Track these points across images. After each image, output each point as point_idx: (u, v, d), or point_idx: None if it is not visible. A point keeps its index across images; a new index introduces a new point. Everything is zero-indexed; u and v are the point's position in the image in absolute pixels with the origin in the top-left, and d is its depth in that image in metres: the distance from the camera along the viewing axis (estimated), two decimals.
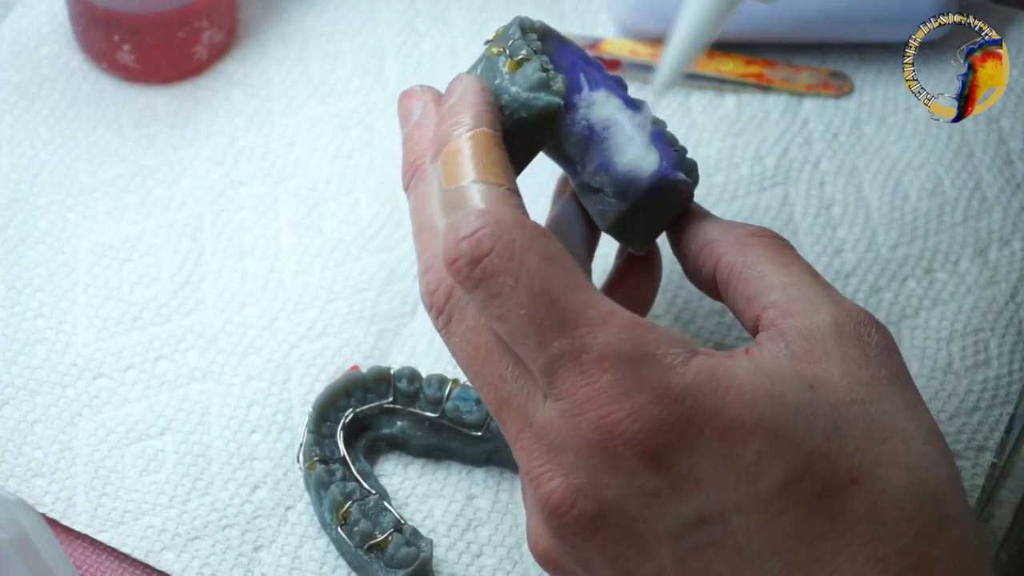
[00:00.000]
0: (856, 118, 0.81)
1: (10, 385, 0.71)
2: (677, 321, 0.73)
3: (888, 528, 0.54)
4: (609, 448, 0.53)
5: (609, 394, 0.53)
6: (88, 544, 0.67)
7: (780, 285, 0.58)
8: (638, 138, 0.62)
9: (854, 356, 0.56)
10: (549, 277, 0.54)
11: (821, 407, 0.55)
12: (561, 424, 0.54)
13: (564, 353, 0.54)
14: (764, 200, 0.78)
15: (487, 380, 0.57)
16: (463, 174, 0.57)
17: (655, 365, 0.54)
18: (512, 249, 0.55)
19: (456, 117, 0.59)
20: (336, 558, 0.67)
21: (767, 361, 0.56)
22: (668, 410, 0.53)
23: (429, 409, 0.69)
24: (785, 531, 0.54)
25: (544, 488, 0.55)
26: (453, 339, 0.58)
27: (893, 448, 0.55)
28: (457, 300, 0.58)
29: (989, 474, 0.69)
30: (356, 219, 0.77)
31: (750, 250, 0.60)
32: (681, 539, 0.54)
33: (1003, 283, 0.75)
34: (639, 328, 0.54)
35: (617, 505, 0.54)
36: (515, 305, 0.54)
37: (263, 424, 0.70)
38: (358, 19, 0.84)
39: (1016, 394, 0.72)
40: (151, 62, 0.80)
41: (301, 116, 0.80)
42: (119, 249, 0.75)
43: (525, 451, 0.56)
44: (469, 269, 0.55)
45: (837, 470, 0.54)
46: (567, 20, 0.84)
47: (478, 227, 0.55)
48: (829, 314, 0.57)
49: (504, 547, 0.67)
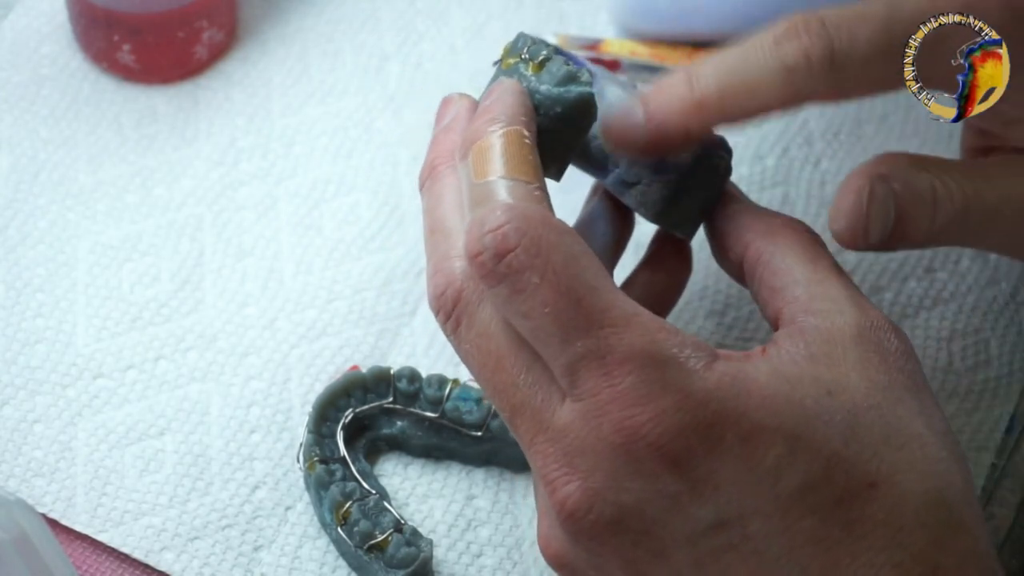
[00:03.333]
0: (856, 118, 0.81)
1: (10, 385, 0.71)
2: (677, 321, 0.73)
3: (905, 534, 0.54)
4: (631, 451, 0.53)
5: (632, 396, 0.53)
6: (88, 544, 0.67)
7: (805, 281, 0.58)
8: None
9: (872, 361, 0.56)
10: (575, 276, 0.54)
11: (839, 412, 0.55)
12: (581, 426, 0.54)
13: (588, 353, 0.54)
14: (764, 200, 0.77)
15: (499, 387, 0.57)
16: (492, 169, 0.57)
17: (679, 369, 0.54)
18: (538, 246, 0.54)
19: (490, 115, 0.59)
20: (336, 558, 0.67)
21: (786, 364, 0.56)
22: (692, 414, 0.53)
23: (429, 409, 0.69)
24: (803, 536, 0.54)
25: (560, 492, 0.55)
26: (463, 345, 0.58)
27: (910, 454, 0.55)
28: (466, 304, 0.57)
29: (989, 474, 0.69)
30: (356, 219, 0.77)
31: (780, 240, 0.60)
32: (699, 543, 0.54)
33: (1003, 283, 0.75)
34: (663, 331, 0.54)
35: (636, 509, 0.54)
36: (540, 303, 0.54)
37: (263, 424, 0.70)
38: (358, 19, 0.84)
39: (1016, 394, 0.71)
40: (151, 62, 0.80)
41: (301, 116, 0.80)
42: (119, 249, 0.75)
43: (540, 455, 0.55)
44: (493, 263, 0.54)
45: (855, 475, 0.54)
46: (567, 20, 0.84)
47: (504, 221, 0.55)
48: (851, 316, 0.57)
49: (504, 547, 0.67)
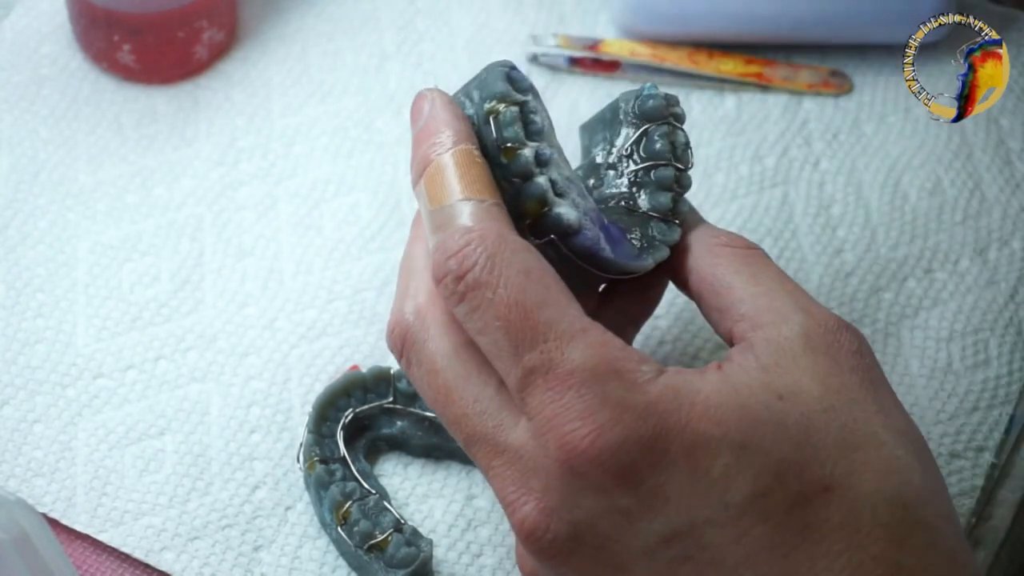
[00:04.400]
0: (856, 118, 0.81)
1: (10, 385, 0.71)
2: (677, 321, 0.73)
3: (863, 535, 0.54)
4: (575, 467, 0.54)
5: (573, 411, 0.54)
6: (88, 544, 0.67)
7: (749, 297, 0.58)
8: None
9: (823, 364, 0.56)
10: (525, 290, 0.55)
11: (790, 416, 0.55)
12: (533, 446, 0.55)
13: (535, 367, 0.54)
14: (764, 200, 0.78)
15: (452, 418, 0.58)
16: (448, 194, 0.58)
17: (619, 382, 0.54)
18: (493, 263, 0.55)
19: (433, 138, 0.59)
20: (336, 558, 0.67)
21: (736, 374, 0.56)
22: (631, 428, 0.53)
23: (429, 409, 0.69)
24: (759, 543, 0.54)
25: (518, 514, 0.55)
26: (416, 381, 0.59)
27: (865, 455, 0.55)
28: (413, 343, 0.59)
29: (989, 474, 0.69)
30: (356, 219, 0.77)
31: (720, 260, 0.60)
32: (656, 556, 0.54)
33: (1003, 283, 0.75)
34: (608, 346, 0.55)
35: (589, 525, 0.54)
36: (493, 317, 0.55)
37: (263, 424, 0.70)
38: (358, 19, 0.84)
39: (1016, 394, 0.72)
40: (151, 62, 0.80)
41: (301, 116, 0.80)
42: (119, 249, 0.75)
43: (498, 479, 0.56)
44: (455, 285, 0.56)
45: (808, 479, 0.54)
46: (567, 20, 0.84)
47: (464, 244, 0.56)
48: (797, 323, 0.57)
49: (504, 547, 0.67)
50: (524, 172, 0.59)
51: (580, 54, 0.82)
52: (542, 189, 0.59)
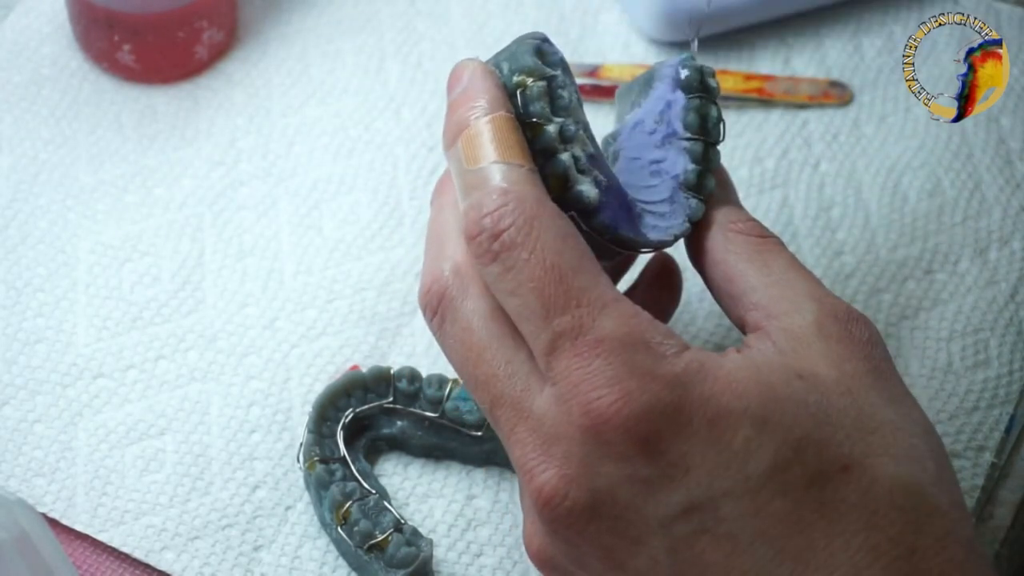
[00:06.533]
0: (856, 119, 0.81)
1: (10, 385, 0.71)
2: (677, 322, 0.73)
3: (880, 517, 0.54)
4: (599, 434, 0.54)
5: (601, 378, 0.54)
6: (88, 544, 0.67)
7: (762, 286, 0.59)
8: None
9: (838, 351, 0.57)
10: (561, 253, 0.55)
11: (810, 395, 0.55)
12: (556, 411, 0.55)
13: (564, 332, 0.55)
14: (763, 202, 0.78)
15: (480, 379, 0.58)
16: (484, 155, 0.58)
17: (648, 353, 0.54)
18: (531, 224, 0.56)
19: (471, 103, 0.59)
20: (336, 558, 0.67)
21: (756, 356, 0.56)
22: (657, 396, 0.54)
23: (429, 409, 0.69)
24: (776, 518, 0.54)
25: (537, 480, 0.55)
26: (447, 340, 0.59)
27: (883, 438, 0.55)
28: (451, 300, 0.59)
29: (989, 474, 0.69)
30: (356, 219, 0.77)
31: (733, 247, 0.60)
32: (673, 528, 0.55)
33: (1003, 283, 0.75)
34: (639, 317, 0.55)
35: (609, 494, 0.55)
36: (526, 278, 0.55)
37: (263, 424, 0.70)
38: (358, 19, 0.84)
39: (1016, 394, 0.72)
40: (151, 62, 0.80)
41: (301, 116, 0.80)
42: (119, 249, 0.75)
43: (519, 445, 0.56)
44: (489, 243, 0.56)
45: (828, 457, 0.54)
46: (567, 20, 0.84)
47: (500, 204, 0.56)
48: (810, 312, 0.57)
49: (504, 547, 0.67)
50: (548, 148, 0.59)
51: (579, 81, 0.81)
52: (565, 166, 0.59)
